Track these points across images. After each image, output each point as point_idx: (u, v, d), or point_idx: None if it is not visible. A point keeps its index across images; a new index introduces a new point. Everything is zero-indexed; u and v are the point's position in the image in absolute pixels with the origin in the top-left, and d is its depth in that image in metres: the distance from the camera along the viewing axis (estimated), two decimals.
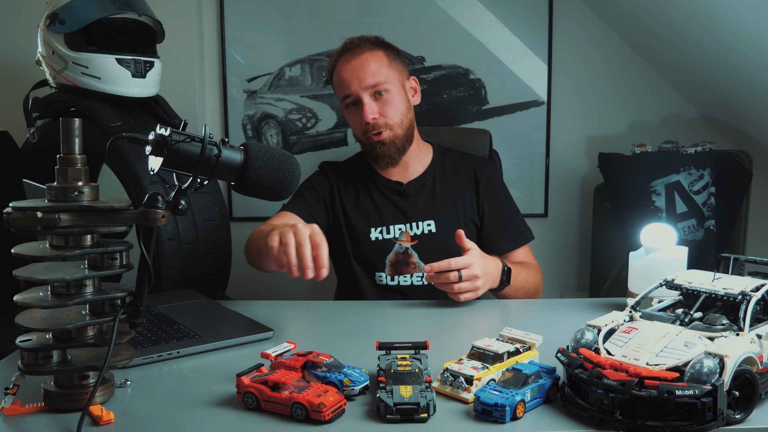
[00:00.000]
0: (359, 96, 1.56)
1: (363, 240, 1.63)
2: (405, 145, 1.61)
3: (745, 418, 0.80)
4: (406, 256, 1.61)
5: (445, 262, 1.32)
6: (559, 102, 2.60)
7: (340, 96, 1.62)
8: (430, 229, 1.62)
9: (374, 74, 1.55)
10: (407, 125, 1.60)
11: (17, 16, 2.34)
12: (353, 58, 1.58)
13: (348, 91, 1.57)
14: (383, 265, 1.62)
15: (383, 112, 1.56)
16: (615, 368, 0.81)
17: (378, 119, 1.56)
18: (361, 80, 1.55)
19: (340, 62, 1.60)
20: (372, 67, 1.56)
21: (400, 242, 1.62)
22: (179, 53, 2.37)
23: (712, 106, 2.56)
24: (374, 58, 1.58)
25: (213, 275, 1.96)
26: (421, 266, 1.62)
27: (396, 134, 1.58)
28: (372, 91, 1.56)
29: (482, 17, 2.53)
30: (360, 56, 1.57)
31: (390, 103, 1.57)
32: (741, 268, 1.12)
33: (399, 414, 0.82)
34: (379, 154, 1.59)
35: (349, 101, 1.59)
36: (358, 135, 1.63)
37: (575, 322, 1.02)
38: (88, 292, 0.85)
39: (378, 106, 1.56)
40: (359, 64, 1.56)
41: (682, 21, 2.15)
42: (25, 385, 0.86)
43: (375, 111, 1.56)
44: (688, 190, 2.31)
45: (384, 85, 1.56)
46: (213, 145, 0.89)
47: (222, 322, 1.23)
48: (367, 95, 1.55)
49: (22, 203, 0.81)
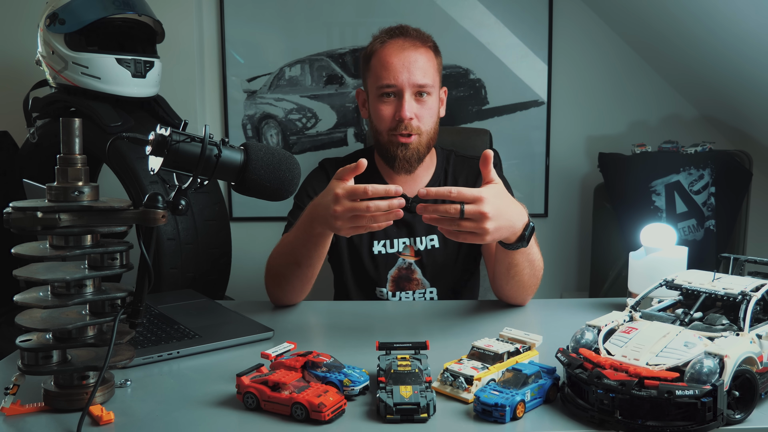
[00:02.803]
0: (402, 89, 1.44)
1: (365, 253, 1.54)
2: (425, 154, 1.51)
3: (745, 418, 0.80)
4: (409, 272, 1.53)
5: (445, 189, 1.07)
6: (559, 102, 2.60)
7: (379, 83, 1.46)
8: (433, 244, 1.53)
9: (425, 74, 1.45)
10: (432, 135, 1.51)
11: (17, 16, 2.34)
12: (408, 48, 1.46)
13: (393, 80, 1.44)
14: (385, 280, 1.53)
15: (420, 115, 1.46)
16: (615, 368, 0.81)
17: (413, 120, 1.45)
18: (411, 74, 1.44)
19: (390, 46, 1.47)
20: (425, 65, 1.46)
21: (403, 257, 1.53)
22: (179, 53, 2.37)
23: (713, 106, 2.56)
24: (428, 57, 1.47)
25: (213, 275, 1.96)
26: (424, 283, 1.53)
27: (422, 142, 1.48)
28: (416, 89, 1.45)
29: (482, 17, 2.53)
30: (416, 49, 1.46)
31: (428, 107, 1.47)
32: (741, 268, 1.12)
33: (399, 414, 0.82)
34: (399, 157, 1.47)
35: (388, 90, 1.46)
36: (381, 129, 1.49)
37: (575, 322, 1.02)
38: (88, 292, 0.85)
39: (417, 108, 1.46)
40: (413, 57, 1.45)
41: (682, 20, 2.15)
42: (25, 385, 0.86)
43: (413, 111, 1.45)
44: (688, 190, 2.31)
45: (429, 88, 1.46)
46: (213, 145, 0.89)
47: (222, 322, 1.23)
48: (410, 92, 1.45)
49: (22, 203, 0.81)
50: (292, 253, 1.32)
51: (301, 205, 1.50)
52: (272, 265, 1.38)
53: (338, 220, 1.13)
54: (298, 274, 1.32)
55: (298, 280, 1.33)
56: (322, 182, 1.56)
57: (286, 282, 1.35)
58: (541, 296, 1.68)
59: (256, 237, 2.56)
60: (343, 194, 1.12)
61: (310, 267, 1.32)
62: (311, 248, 1.29)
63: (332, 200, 1.13)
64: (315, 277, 1.35)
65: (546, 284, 2.72)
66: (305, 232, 1.27)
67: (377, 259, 1.54)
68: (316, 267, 1.32)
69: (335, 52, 2.55)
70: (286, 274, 1.34)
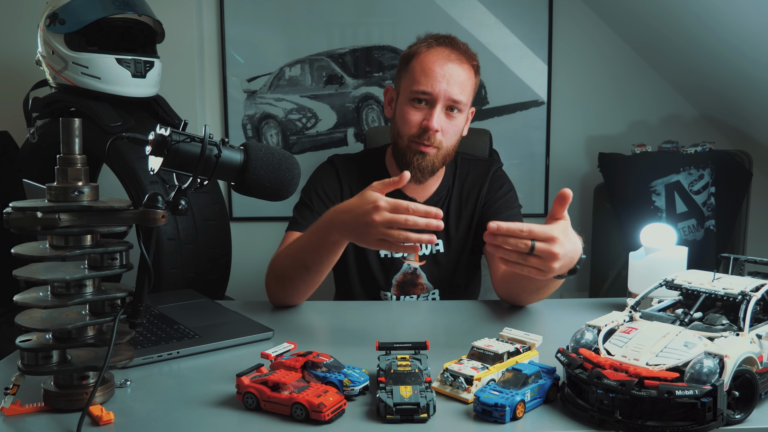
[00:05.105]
0: (436, 99, 1.42)
1: (371, 256, 1.53)
2: (438, 169, 1.50)
3: (745, 418, 0.80)
4: (414, 277, 1.53)
5: (516, 227, 1.00)
6: (559, 102, 2.60)
7: (414, 87, 1.43)
8: (438, 248, 1.53)
9: (462, 89, 1.43)
10: (450, 152, 1.49)
11: (17, 16, 2.34)
12: (453, 60, 1.43)
13: (429, 88, 1.41)
14: (389, 284, 1.53)
15: (446, 129, 1.44)
16: (615, 368, 0.81)
17: (438, 133, 1.43)
18: (450, 86, 1.41)
19: (434, 52, 1.44)
20: (463, 80, 1.44)
21: (408, 261, 1.52)
22: (179, 53, 2.37)
23: (713, 106, 2.56)
24: (468, 75, 1.45)
25: (213, 275, 1.96)
26: (428, 287, 1.53)
27: (439, 156, 1.46)
28: (449, 103, 1.43)
29: (482, 17, 2.53)
30: (461, 63, 1.44)
31: (455, 124, 1.46)
32: (741, 268, 1.12)
33: (399, 414, 0.82)
34: (413, 165, 1.45)
35: (421, 97, 1.43)
36: (403, 133, 1.46)
37: (575, 322, 1.02)
38: (88, 292, 0.85)
39: (445, 122, 1.44)
40: (455, 70, 1.43)
41: (682, 20, 2.15)
42: (25, 385, 0.86)
43: (441, 124, 1.43)
44: (688, 190, 2.31)
45: (461, 105, 1.44)
46: (213, 145, 0.89)
47: (222, 322, 1.23)
48: (443, 104, 1.42)
49: (22, 203, 0.81)
50: (302, 257, 1.30)
51: (309, 204, 1.50)
52: (277, 266, 1.35)
53: (373, 228, 1.11)
54: (305, 277, 1.31)
55: (303, 284, 1.32)
56: (331, 182, 1.54)
57: (291, 284, 1.33)
58: None
59: (256, 237, 2.56)
60: (385, 206, 1.10)
61: (319, 272, 1.30)
62: (323, 254, 1.26)
63: (372, 209, 1.11)
64: (320, 282, 1.33)
65: None
66: (320, 237, 1.24)
67: (384, 262, 1.53)
68: (324, 272, 1.31)
69: (335, 52, 2.55)
70: (292, 277, 1.32)
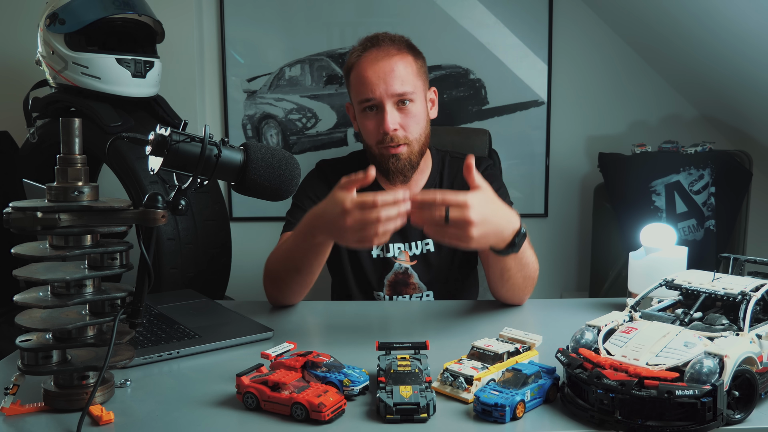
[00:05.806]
0: (382, 102, 1.41)
1: (364, 256, 1.53)
2: (419, 161, 1.48)
3: (745, 418, 0.80)
4: (405, 277, 1.52)
5: (431, 195, 1.06)
6: (559, 102, 2.60)
7: (359, 98, 1.44)
8: (428, 248, 1.52)
9: (403, 82, 1.41)
10: (424, 141, 1.47)
11: (17, 16, 2.34)
12: (381, 59, 1.42)
13: (371, 94, 1.41)
14: (382, 284, 1.53)
15: (405, 124, 1.43)
16: (615, 368, 0.81)
17: (398, 131, 1.42)
18: (388, 86, 1.40)
19: (364, 59, 1.43)
20: (401, 73, 1.41)
21: (399, 262, 1.52)
22: (179, 53, 2.37)
23: (712, 106, 2.56)
24: (404, 63, 1.43)
25: (213, 275, 1.96)
26: (421, 287, 1.52)
27: (413, 150, 1.45)
28: (397, 99, 1.41)
29: (482, 17, 2.53)
30: (390, 58, 1.42)
31: (413, 115, 1.43)
32: (741, 268, 1.12)
33: (399, 414, 0.82)
34: (391, 170, 1.45)
35: (369, 104, 1.43)
36: (370, 143, 1.47)
37: (575, 322, 1.02)
38: (88, 292, 0.85)
39: (400, 117, 1.42)
40: (388, 67, 1.41)
41: (682, 20, 2.15)
42: (25, 385, 0.86)
43: (396, 122, 1.42)
44: (688, 190, 2.31)
45: (410, 95, 1.42)
46: (213, 145, 0.89)
47: (222, 322, 1.23)
48: (391, 103, 1.41)
49: (22, 203, 0.81)
50: (291, 260, 1.30)
51: (300, 205, 1.49)
52: (270, 269, 1.36)
53: (347, 232, 1.10)
54: (297, 279, 1.31)
55: (297, 285, 1.33)
56: (320, 184, 1.53)
57: (284, 285, 1.34)
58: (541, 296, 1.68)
59: (256, 237, 2.56)
60: (352, 207, 1.09)
61: (310, 273, 1.31)
62: (311, 256, 1.27)
63: (341, 213, 1.09)
64: (314, 281, 1.34)
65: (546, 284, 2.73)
66: (306, 240, 1.25)
67: (375, 262, 1.53)
68: (315, 273, 1.31)
69: (335, 52, 2.55)
70: (285, 279, 1.33)
